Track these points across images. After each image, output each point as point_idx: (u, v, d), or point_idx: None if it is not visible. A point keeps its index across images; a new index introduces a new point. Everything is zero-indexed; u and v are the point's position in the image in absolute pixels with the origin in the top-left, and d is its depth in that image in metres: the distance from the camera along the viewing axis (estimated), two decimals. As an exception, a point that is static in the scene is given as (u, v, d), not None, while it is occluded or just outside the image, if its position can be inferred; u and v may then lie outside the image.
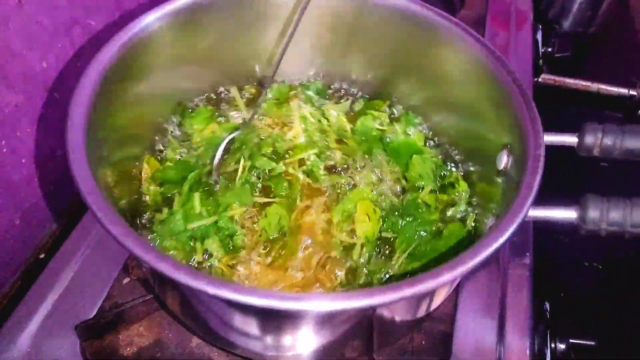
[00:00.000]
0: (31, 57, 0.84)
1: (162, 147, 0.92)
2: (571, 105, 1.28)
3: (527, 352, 0.82)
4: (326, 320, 0.66)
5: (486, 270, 0.90)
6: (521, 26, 1.33)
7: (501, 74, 0.77)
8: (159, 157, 0.91)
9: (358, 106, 1.02)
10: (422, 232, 0.84)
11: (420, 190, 0.89)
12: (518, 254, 0.92)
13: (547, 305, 0.91)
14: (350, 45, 0.96)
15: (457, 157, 0.94)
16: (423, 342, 0.82)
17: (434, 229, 0.85)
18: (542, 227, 0.99)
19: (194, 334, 0.81)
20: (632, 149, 0.73)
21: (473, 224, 0.85)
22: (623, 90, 1.26)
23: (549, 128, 0.77)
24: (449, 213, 0.87)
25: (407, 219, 0.85)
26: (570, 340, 0.87)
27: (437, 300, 0.78)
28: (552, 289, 0.96)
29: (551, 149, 0.74)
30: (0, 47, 0.78)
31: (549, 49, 1.33)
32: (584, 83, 1.26)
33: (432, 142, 0.98)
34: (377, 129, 0.97)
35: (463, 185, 0.89)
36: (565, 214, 0.69)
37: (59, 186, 0.96)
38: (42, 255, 0.95)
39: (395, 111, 1.01)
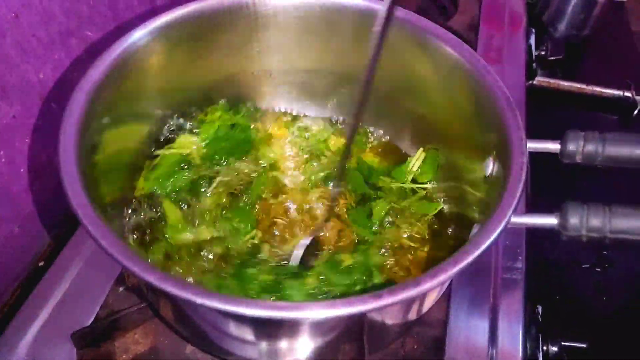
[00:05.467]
0: (27, 69, 0.85)
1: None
2: (566, 108, 1.28)
3: (520, 355, 0.82)
4: (314, 327, 0.67)
5: (478, 273, 0.90)
6: (515, 29, 1.33)
7: (486, 81, 0.78)
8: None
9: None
10: None
11: None
12: (510, 258, 0.92)
13: (540, 308, 0.92)
14: (327, 51, 0.97)
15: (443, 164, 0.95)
16: (415, 347, 0.83)
17: None
18: (535, 229, 0.99)
19: (188, 341, 0.82)
20: (613, 156, 0.73)
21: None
22: (618, 93, 1.25)
23: (543, 130, 0.78)
24: None
25: None
26: (562, 343, 0.87)
27: (426, 306, 0.79)
28: (545, 291, 0.96)
29: (537, 154, 0.76)
30: (-3, 59, 0.79)
31: (543, 52, 1.33)
32: (578, 85, 1.26)
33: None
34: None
35: None
36: (547, 220, 0.70)
37: (57, 195, 0.95)
38: (41, 263, 0.96)
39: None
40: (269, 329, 0.68)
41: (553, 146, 0.77)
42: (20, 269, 0.94)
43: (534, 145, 0.75)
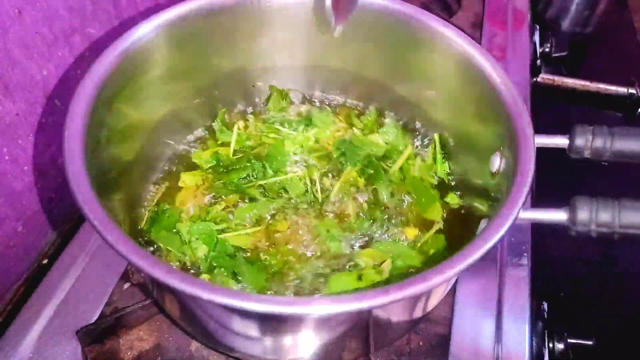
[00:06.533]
0: (31, 66, 0.85)
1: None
2: (570, 105, 1.28)
3: (526, 352, 0.82)
4: (321, 323, 0.67)
5: (484, 270, 0.90)
6: (519, 26, 1.33)
7: (494, 76, 0.78)
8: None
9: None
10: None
11: None
12: (516, 255, 0.93)
13: (545, 305, 0.92)
14: (331, 48, 0.97)
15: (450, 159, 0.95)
16: (420, 344, 0.83)
17: None
18: (541, 226, 0.99)
19: (193, 337, 0.82)
20: (622, 150, 0.73)
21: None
22: (622, 90, 1.25)
23: (547, 127, 0.78)
24: None
25: None
26: (569, 340, 0.87)
27: (432, 302, 0.78)
28: (550, 288, 0.96)
29: (544, 150, 0.75)
30: (1, 57, 0.79)
31: (547, 49, 1.33)
32: (582, 82, 1.26)
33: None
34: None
35: None
36: (556, 215, 0.70)
37: (61, 193, 0.97)
38: (45, 261, 0.96)
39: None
40: (276, 325, 0.68)
41: (561, 141, 0.76)
42: (24, 266, 0.94)
43: (541, 141, 0.74)
